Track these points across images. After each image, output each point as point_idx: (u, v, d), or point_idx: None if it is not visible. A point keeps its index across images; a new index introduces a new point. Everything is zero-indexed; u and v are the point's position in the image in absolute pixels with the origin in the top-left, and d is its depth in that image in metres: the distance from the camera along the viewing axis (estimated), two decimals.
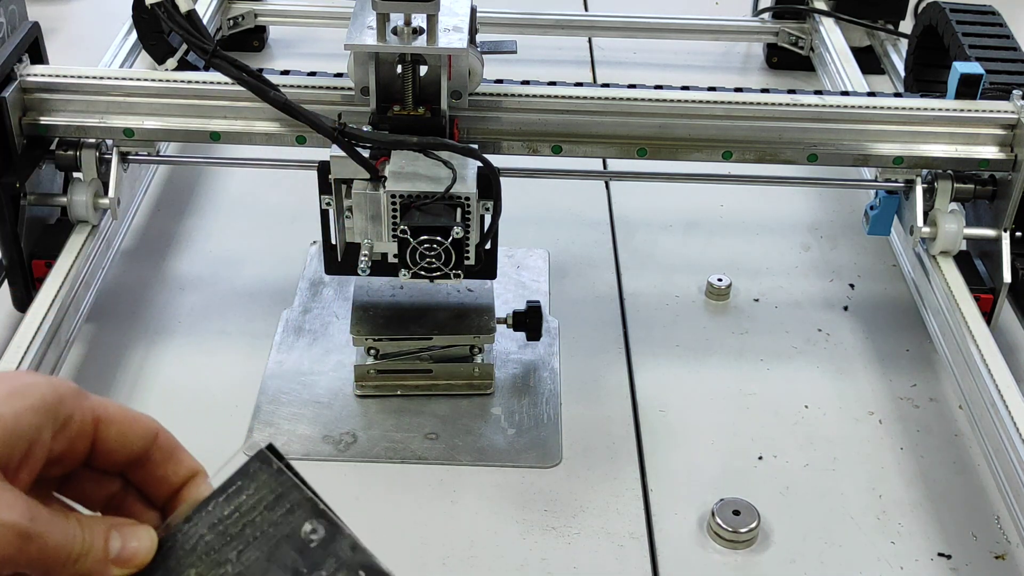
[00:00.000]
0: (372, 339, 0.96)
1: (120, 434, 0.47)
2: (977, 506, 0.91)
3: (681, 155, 1.02)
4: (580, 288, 1.14)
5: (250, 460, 0.47)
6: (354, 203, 0.85)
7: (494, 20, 1.50)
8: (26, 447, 0.44)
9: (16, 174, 0.97)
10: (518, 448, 0.94)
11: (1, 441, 0.43)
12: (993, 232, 1.03)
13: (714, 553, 0.86)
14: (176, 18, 0.88)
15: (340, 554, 0.45)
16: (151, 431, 0.48)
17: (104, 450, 0.47)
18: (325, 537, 0.46)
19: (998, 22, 1.21)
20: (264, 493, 0.47)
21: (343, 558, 0.45)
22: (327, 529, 0.46)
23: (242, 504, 0.47)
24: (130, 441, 0.48)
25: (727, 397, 1.01)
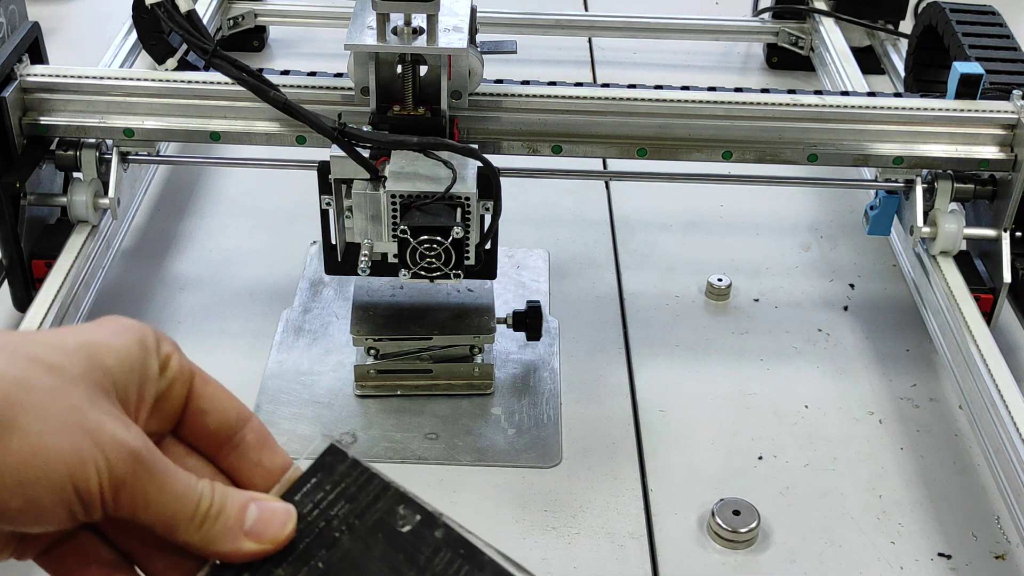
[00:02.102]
0: (372, 339, 0.96)
1: (215, 394, 0.46)
2: (977, 506, 0.91)
3: (681, 155, 1.02)
4: (580, 288, 1.14)
5: (323, 455, 0.46)
6: (354, 203, 0.85)
7: (494, 20, 1.50)
8: (139, 381, 0.43)
9: (16, 174, 0.97)
10: (518, 448, 0.94)
11: (119, 371, 0.42)
12: (993, 232, 1.03)
13: (714, 553, 0.86)
14: (176, 18, 0.88)
15: (436, 537, 0.44)
16: (246, 410, 0.47)
17: (198, 409, 0.46)
18: (417, 523, 0.45)
19: (998, 22, 1.21)
20: (345, 486, 0.45)
21: (439, 541, 0.44)
22: (418, 514, 0.45)
23: (323, 499, 0.45)
24: (224, 407, 0.46)
25: (727, 397, 1.01)
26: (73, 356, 0.41)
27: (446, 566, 0.44)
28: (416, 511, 0.45)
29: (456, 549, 0.44)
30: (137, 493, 0.41)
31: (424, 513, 0.45)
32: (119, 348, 0.42)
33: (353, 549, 0.44)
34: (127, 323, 0.44)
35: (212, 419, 0.46)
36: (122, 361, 0.42)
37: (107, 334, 0.43)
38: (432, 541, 0.44)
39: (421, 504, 0.45)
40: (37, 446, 0.38)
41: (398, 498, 0.45)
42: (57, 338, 0.42)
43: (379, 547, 0.44)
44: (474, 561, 0.44)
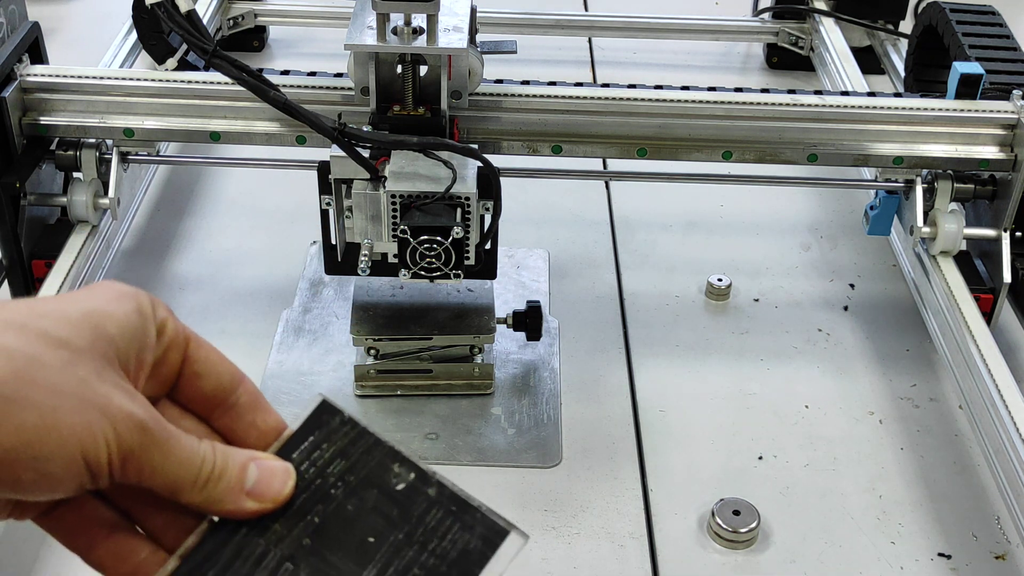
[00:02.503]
0: (372, 339, 0.96)
1: (210, 358, 0.47)
2: (977, 506, 0.91)
3: (681, 155, 1.02)
4: (580, 288, 1.14)
5: (316, 411, 0.47)
6: (354, 203, 0.85)
7: (494, 20, 1.50)
8: (139, 348, 0.43)
9: (16, 174, 0.97)
10: (518, 448, 0.94)
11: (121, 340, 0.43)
12: (993, 232, 1.03)
13: (714, 553, 0.86)
14: (176, 18, 0.88)
15: (429, 494, 0.45)
16: (239, 372, 0.47)
17: (193, 373, 0.46)
18: (411, 480, 0.45)
19: (998, 22, 1.21)
20: (339, 442, 0.46)
21: (432, 497, 0.45)
22: (412, 471, 0.46)
23: (318, 456, 0.46)
24: (218, 370, 0.47)
25: (727, 397, 1.01)
26: (78, 328, 0.42)
27: (438, 522, 0.45)
28: (410, 468, 0.46)
29: (448, 506, 0.45)
30: (144, 461, 0.42)
31: (417, 471, 0.46)
32: (120, 317, 0.43)
33: (348, 504, 0.45)
34: (123, 289, 0.45)
35: (207, 382, 0.47)
36: (124, 330, 0.43)
37: (106, 302, 0.43)
38: (425, 498, 0.45)
39: (414, 462, 0.46)
40: (52, 422, 0.39)
41: (392, 455, 0.46)
42: (61, 308, 0.42)
43: (373, 502, 0.45)
44: (466, 518, 0.45)
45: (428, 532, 0.45)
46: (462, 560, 0.44)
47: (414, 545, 0.44)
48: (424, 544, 0.44)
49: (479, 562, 0.44)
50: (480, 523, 0.45)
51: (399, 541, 0.44)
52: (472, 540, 0.45)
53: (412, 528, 0.45)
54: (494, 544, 0.45)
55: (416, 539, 0.45)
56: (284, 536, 0.44)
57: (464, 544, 0.45)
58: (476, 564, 0.44)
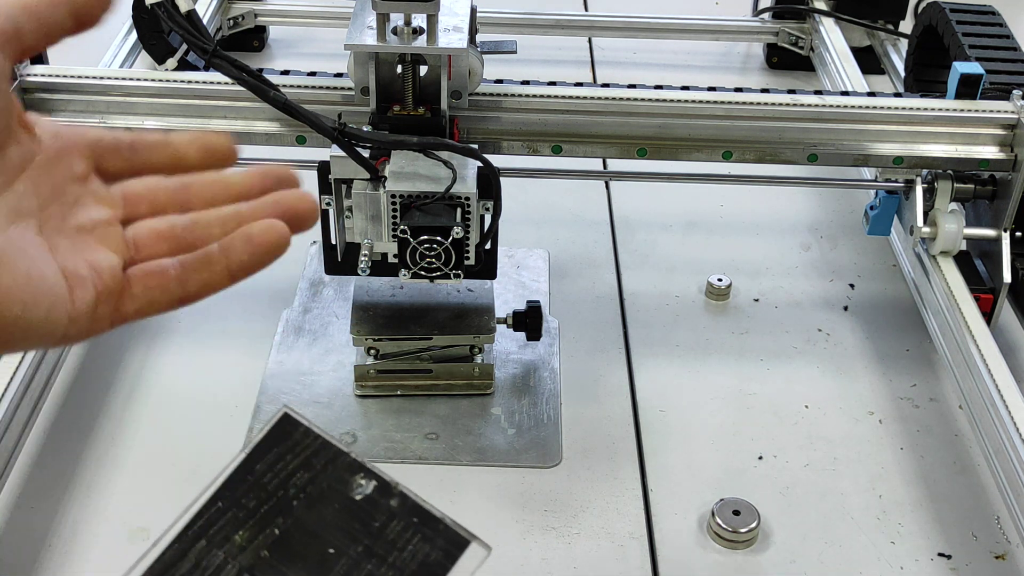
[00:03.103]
0: (372, 339, 0.96)
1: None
2: (977, 506, 0.91)
3: (681, 155, 1.02)
4: (580, 288, 1.14)
5: (276, 424, 0.47)
6: (354, 203, 0.85)
7: (494, 20, 1.50)
8: None
9: None
10: (518, 448, 0.94)
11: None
12: (993, 232, 1.03)
13: (714, 553, 0.86)
14: (176, 18, 0.88)
15: (391, 505, 0.46)
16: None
17: None
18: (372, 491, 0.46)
19: (998, 22, 1.21)
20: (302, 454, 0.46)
21: (393, 508, 0.45)
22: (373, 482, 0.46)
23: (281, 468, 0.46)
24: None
25: (727, 397, 1.01)
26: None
27: (398, 534, 0.45)
28: (372, 479, 0.46)
29: (410, 517, 0.45)
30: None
31: (380, 481, 0.46)
32: None
33: (309, 516, 0.45)
34: None
35: None
36: None
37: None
38: (387, 509, 0.45)
39: (377, 473, 0.46)
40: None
41: (354, 467, 0.46)
42: None
43: (334, 514, 0.45)
44: (428, 529, 0.45)
45: (388, 544, 0.45)
46: (422, 572, 0.44)
47: (373, 558, 0.45)
48: (383, 557, 0.45)
49: (439, 574, 0.45)
50: (442, 535, 0.45)
51: (359, 554, 0.45)
52: (432, 552, 0.45)
53: (372, 540, 0.45)
54: (454, 555, 0.45)
55: (376, 551, 0.45)
56: (244, 547, 0.45)
57: (424, 556, 0.45)
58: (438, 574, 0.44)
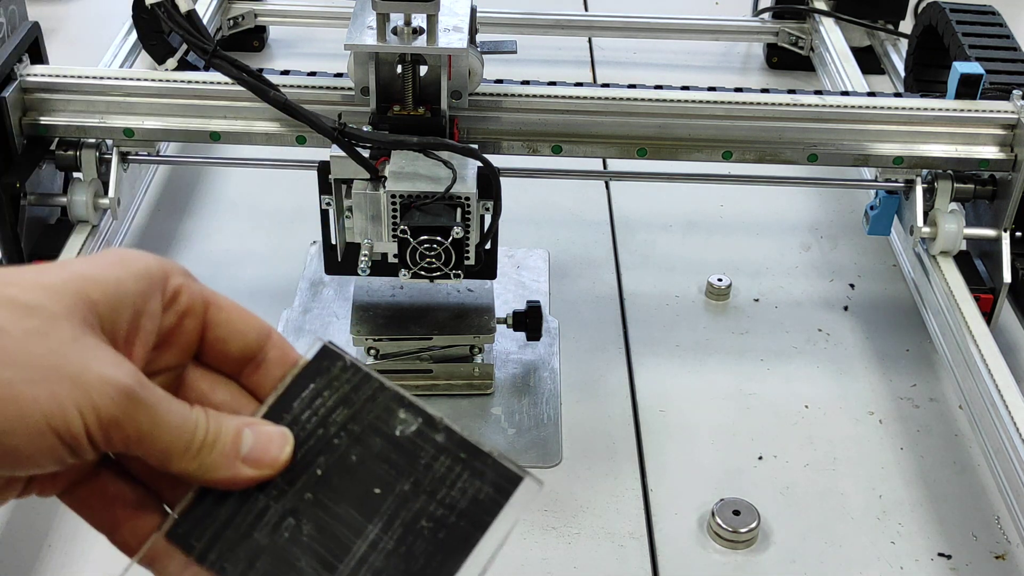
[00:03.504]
0: (372, 339, 0.96)
1: (232, 320, 0.45)
2: (977, 506, 0.91)
3: (681, 155, 1.02)
4: (580, 288, 1.14)
5: (316, 358, 0.45)
6: (354, 203, 0.85)
7: (494, 20, 1.50)
8: (132, 315, 0.42)
9: (16, 174, 0.97)
10: (518, 448, 0.94)
11: (105, 305, 0.41)
12: (993, 232, 1.03)
13: (714, 553, 0.86)
14: (176, 18, 0.88)
15: (436, 439, 0.44)
16: (264, 326, 0.46)
17: (216, 338, 0.45)
18: (417, 426, 0.44)
19: (998, 22, 1.21)
20: (342, 389, 0.44)
21: (440, 443, 0.44)
22: (419, 417, 0.44)
23: (320, 404, 0.44)
24: (243, 331, 0.45)
25: (727, 397, 1.01)
26: (55, 293, 0.40)
27: (447, 470, 0.43)
28: (416, 414, 0.44)
29: (457, 453, 0.44)
30: (131, 429, 0.40)
31: (424, 416, 0.44)
32: (107, 281, 0.41)
33: (352, 454, 0.43)
34: (128, 255, 0.43)
35: (232, 345, 0.45)
36: (109, 295, 0.41)
37: (99, 267, 0.42)
38: (433, 444, 0.44)
39: (421, 407, 0.44)
40: (8, 395, 0.38)
41: (398, 400, 0.44)
42: (38, 275, 0.41)
43: (378, 451, 0.43)
44: (476, 464, 0.44)
45: (436, 481, 0.43)
46: (473, 509, 0.43)
47: (422, 495, 0.43)
48: (432, 493, 0.43)
49: (491, 510, 0.43)
50: (492, 469, 0.44)
51: (406, 491, 0.43)
52: (483, 488, 0.43)
53: (419, 477, 0.43)
54: (507, 491, 0.43)
55: (424, 488, 0.43)
56: (285, 490, 0.43)
57: (475, 492, 0.43)
58: (488, 512, 0.43)
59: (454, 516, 0.42)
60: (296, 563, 0.42)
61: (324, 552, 0.42)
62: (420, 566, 0.42)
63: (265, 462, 0.43)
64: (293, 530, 0.42)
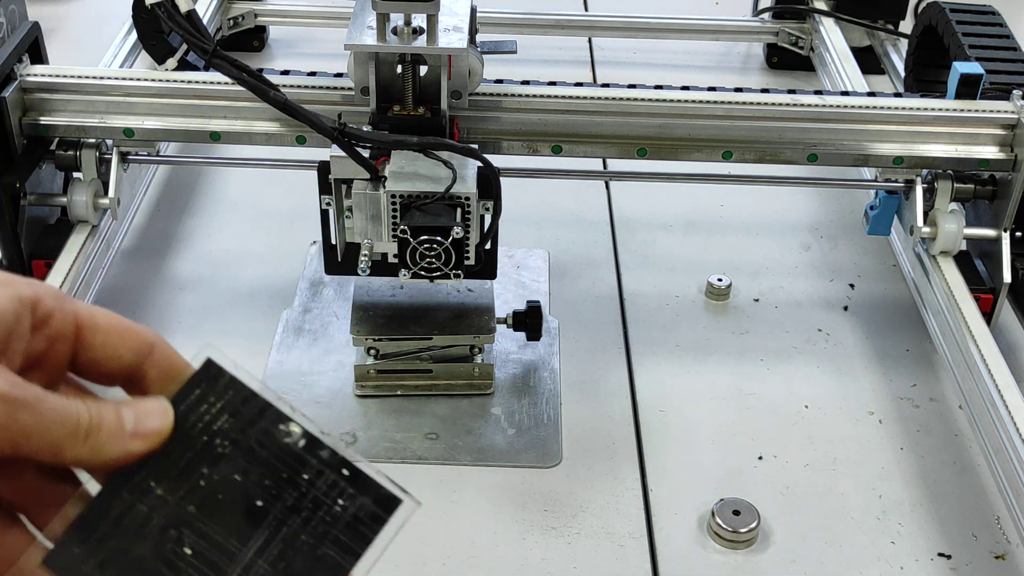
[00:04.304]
0: (372, 339, 0.96)
1: (106, 344, 0.45)
2: (977, 506, 0.91)
3: (681, 155, 1.02)
4: (580, 288, 1.14)
5: (201, 369, 0.45)
6: (354, 203, 0.85)
7: (494, 20, 1.50)
8: (5, 335, 0.42)
9: (16, 174, 0.97)
10: (518, 448, 0.94)
11: None
12: (993, 232, 1.03)
13: (714, 553, 0.86)
14: (176, 18, 0.88)
15: (320, 455, 0.44)
16: (144, 344, 0.45)
17: (89, 359, 0.45)
18: (301, 444, 0.44)
19: (998, 22, 1.21)
20: (227, 400, 0.44)
21: (324, 459, 0.44)
22: (302, 435, 0.44)
23: (203, 413, 0.44)
24: (118, 353, 0.45)
25: (727, 397, 1.01)
26: None
27: (329, 487, 0.44)
28: (301, 432, 0.44)
29: (339, 471, 0.44)
30: (15, 429, 0.40)
31: (308, 435, 0.44)
32: None
33: (235, 467, 0.44)
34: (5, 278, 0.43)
35: (106, 367, 0.46)
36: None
37: None
38: (318, 460, 0.44)
39: (305, 425, 0.44)
40: None
41: (282, 419, 0.44)
42: None
43: (262, 464, 0.44)
44: (358, 484, 0.44)
45: (318, 498, 0.43)
46: (353, 527, 0.43)
47: (303, 511, 0.43)
48: (314, 509, 0.43)
49: (371, 529, 0.43)
50: (372, 489, 0.44)
51: (288, 506, 0.43)
52: (364, 506, 0.43)
53: (301, 493, 0.43)
54: (386, 511, 0.44)
55: (306, 504, 0.43)
56: (168, 502, 0.43)
57: (356, 510, 0.43)
58: (367, 531, 0.43)
59: (334, 533, 0.43)
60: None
61: (205, 567, 0.43)
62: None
63: (152, 430, 0.44)
64: (175, 543, 0.43)
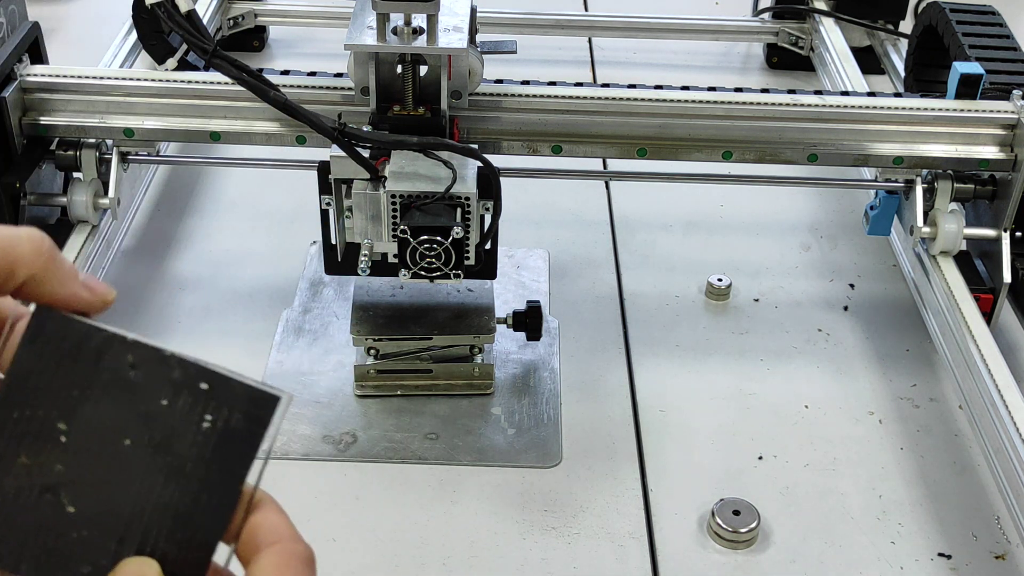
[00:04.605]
0: (372, 339, 0.96)
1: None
2: (977, 506, 0.91)
3: (681, 155, 1.02)
4: (580, 288, 1.14)
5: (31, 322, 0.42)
6: (354, 203, 0.85)
7: (494, 20, 1.50)
8: None
9: (16, 174, 0.97)
10: (518, 448, 0.94)
11: None
12: (993, 232, 1.03)
13: (714, 553, 0.86)
14: (176, 18, 0.88)
15: (172, 375, 0.41)
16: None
17: None
18: (149, 365, 0.41)
19: (998, 22, 1.21)
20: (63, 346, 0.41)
21: (177, 378, 0.41)
22: (147, 355, 0.41)
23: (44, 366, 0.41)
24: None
25: (727, 397, 1.01)
26: None
27: (190, 407, 0.41)
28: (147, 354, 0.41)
29: (196, 385, 0.41)
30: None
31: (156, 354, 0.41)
32: None
33: (90, 412, 0.41)
34: None
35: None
36: None
37: None
38: (170, 383, 0.41)
39: (150, 346, 0.41)
40: None
41: (125, 345, 0.41)
42: None
43: (117, 403, 0.41)
44: (222, 392, 0.41)
45: (184, 419, 0.41)
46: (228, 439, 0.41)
47: (174, 438, 0.41)
48: (183, 434, 0.41)
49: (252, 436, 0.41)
50: (238, 395, 0.41)
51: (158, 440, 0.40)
52: (234, 415, 0.41)
53: (166, 420, 0.41)
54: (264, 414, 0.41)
55: (176, 430, 0.41)
56: (32, 467, 0.41)
57: (225, 421, 0.41)
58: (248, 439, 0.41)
59: (210, 450, 0.40)
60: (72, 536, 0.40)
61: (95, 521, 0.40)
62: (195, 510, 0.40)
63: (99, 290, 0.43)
64: (54, 507, 0.40)
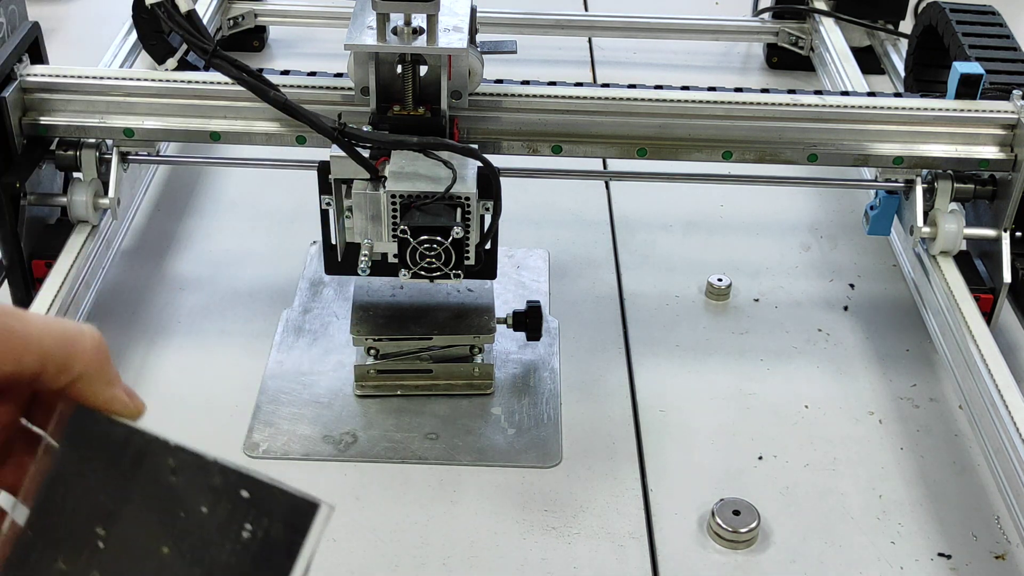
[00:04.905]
0: (372, 339, 0.96)
1: None
2: (977, 506, 0.91)
3: (681, 155, 1.02)
4: (580, 288, 1.14)
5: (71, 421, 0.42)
6: (354, 203, 0.85)
7: (494, 20, 1.50)
8: None
9: (16, 174, 0.97)
10: (518, 448, 0.94)
11: None
12: (993, 232, 1.03)
13: (714, 553, 0.86)
14: (176, 18, 0.88)
15: (213, 482, 0.41)
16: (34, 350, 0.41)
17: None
18: (190, 471, 0.41)
19: (998, 22, 1.21)
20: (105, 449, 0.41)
21: (217, 485, 0.41)
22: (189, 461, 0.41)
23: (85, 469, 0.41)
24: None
25: (727, 397, 1.01)
26: None
27: (229, 515, 0.40)
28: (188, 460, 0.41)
29: (237, 492, 0.40)
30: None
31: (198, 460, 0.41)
32: None
33: (130, 518, 0.41)
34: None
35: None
36: None
37: None
38: (211, 490, 0.41)
39: (191, 452, 0.41)
40: None
41: (167, 451, 0.41)
42: None
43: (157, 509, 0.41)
44: (262, 501, 0.40)
45: (223, 528, 0.40)
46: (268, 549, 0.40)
47: (211, 546, 0.40)
48: (222, 543, 0.40)
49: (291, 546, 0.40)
50: (279, 504, 0.40)
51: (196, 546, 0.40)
52: (274, 524, 0.40)
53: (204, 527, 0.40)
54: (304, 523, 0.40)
55: (212, 539, 0.40)
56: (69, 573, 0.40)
57: (265, 531, 0.40)
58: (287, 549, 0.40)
59: (249, 561, 0.40)
60: None
61: None
62: None
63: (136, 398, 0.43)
64: None
